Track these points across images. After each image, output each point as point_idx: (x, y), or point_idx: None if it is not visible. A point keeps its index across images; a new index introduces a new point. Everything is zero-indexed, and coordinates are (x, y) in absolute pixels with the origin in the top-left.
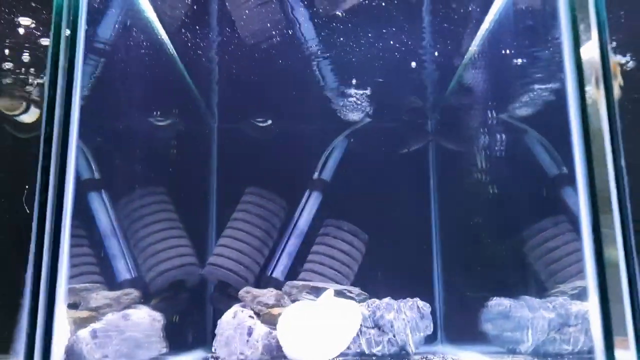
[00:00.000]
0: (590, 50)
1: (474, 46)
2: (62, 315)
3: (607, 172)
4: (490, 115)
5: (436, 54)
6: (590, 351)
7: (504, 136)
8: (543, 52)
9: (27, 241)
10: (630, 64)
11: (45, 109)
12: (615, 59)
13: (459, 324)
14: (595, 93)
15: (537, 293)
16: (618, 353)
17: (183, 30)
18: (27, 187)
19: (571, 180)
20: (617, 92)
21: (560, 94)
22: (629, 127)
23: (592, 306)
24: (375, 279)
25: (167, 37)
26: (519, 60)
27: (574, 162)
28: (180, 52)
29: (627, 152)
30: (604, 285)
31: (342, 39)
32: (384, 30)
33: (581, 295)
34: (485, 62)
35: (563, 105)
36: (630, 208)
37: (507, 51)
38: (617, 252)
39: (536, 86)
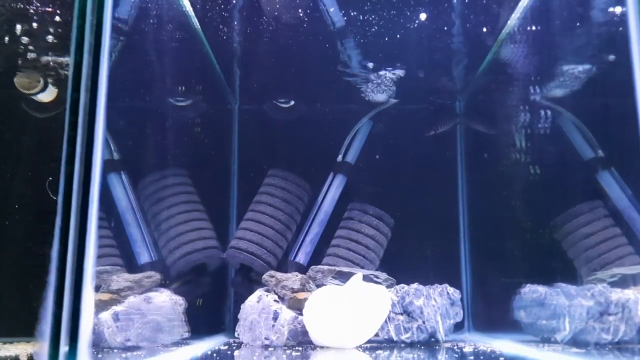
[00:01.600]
0: None
1: (512, 20)
2: (90, 295)
3: None
4: (523, 97)
5: (467, 33)
6: (632, 341)
7: (536, 118)
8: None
9: (47, 221)
10: None
11: (70, 91)
12: None
13: (488, 312)
14: None
15: (572, 280)
16: None
17: (208, 7)
18: (43, 166)
19: (607, 163)
20: None
21: (606, 72)
22: None
23: None
24: (401, 264)
25: (192, 12)
26: (561, 38)
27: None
28: (205, 29)
29: None
30: None
31: (368, 17)
32: (412, 9)
33: (621, 282)
34: (522, 40)
35: (606, 85)
36: None
37: (548, 28)
38: None
39: (575, 65)
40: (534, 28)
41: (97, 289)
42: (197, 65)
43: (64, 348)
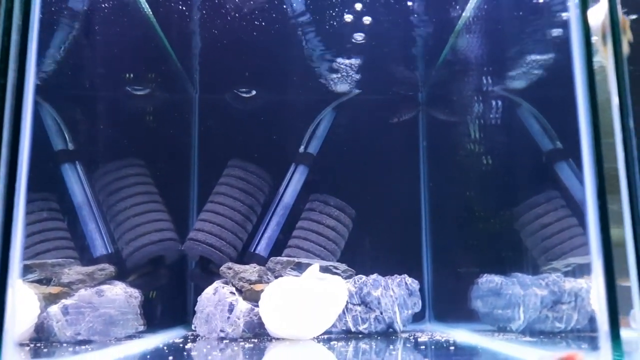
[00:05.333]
0: (599, 9)
1: (467, 12)
2: (20, 290)
3: (615, 143)
4: (482, 88)
5: (427, 23)
6: (583, 329)
7: (496, 109)
8: (541, 18)
9: None
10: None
11: None
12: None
13: (448, 302)
14: (602, 50)
15: (529, 270)
16: (623, 332)
17: None
18: None
19: (565, 154)
20: (626, 49)
21: (561, 63)
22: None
23: (597, 285)
24: (362, 255)
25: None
26: (515, 28)
27: (579, 132)
28: (158, 17)
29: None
30: (610, 265)
31: (329, 5)
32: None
33: (575, 272)
34: (479, 30)
35: (560, 75)
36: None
37: (503, 17)
38: (625, 231)
39: (532, 55)
40: (489, 19)
41: (48, 282)
42: (152, 53)
43: None
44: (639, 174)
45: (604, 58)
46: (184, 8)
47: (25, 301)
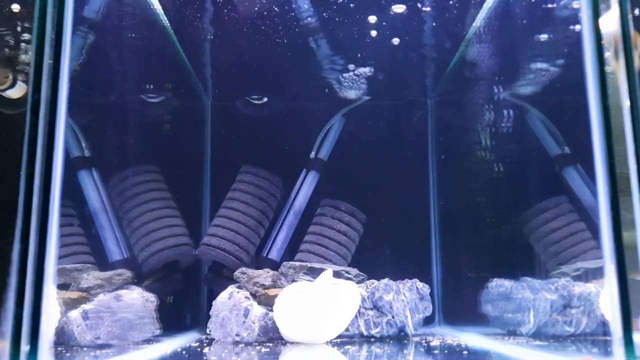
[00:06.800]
0: (610, 20)
1: (478, 21)
2: (52, 295)
3: (627, 149)
4: (492, 95)
5: (438, 30)
6: (593, 333)
7: (505, 116)
8: (551, 26)
9: (11, 220)
10: None
11: (31, 81)
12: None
13: (458, 306)
14: (614, 65)
15: (539, 274)
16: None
17: (177, 3)
18: (11, 164)
19: (573, 160)
20: (637, 63)
21: (571, 71)
22: None
23: (610, 289)
24: (373, 260)
25: (160, 9)
26: (527, 37)
27: (592, 139)
28: (174, 26)
29: None
30: (622, 268)
31: (340, 13)
32: (384, 6)
33: (584, 276)
34: (490, 39)
35: (569, 82)
36: None
37: (513, 27)
38: (637, 234)
39: (542, 63)
40: (499, 27)
41: (67, 287)
42: (167, 62)
43: (25, 347)
44: None
45: (617, 71)
46: (198, 17)
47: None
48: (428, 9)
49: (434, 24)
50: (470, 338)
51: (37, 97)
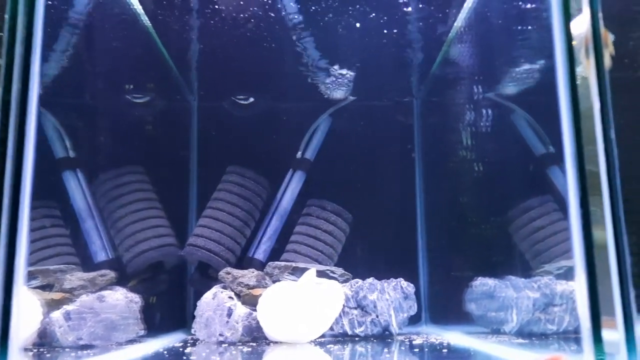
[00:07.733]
0: (581, 20)
1: (459, 22)
2: (22, 296)
3: (597, 149)
4: (476, 95)
5: (422, 30)
6: (576, 331)
7: (490, 115)
8: (531, 27)
9: None
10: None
11: (2, 81)
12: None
13: (444, 305)
14: (585, 63)
15: (522, 273)
16: (605, 333)
17: (160, 4)
18: None
19: (557, 159)
20: (607, 62)
21: (549, 69)
22: (620, 101)
23: (579, 287)
24: (359, 259)
25: (142, 10)
26: (506, 37)
27: (562, 139)
28: (157, 27)
29: (617, 128)
30: (592, 266)
31: (325, 14)
32: (368, 6)
33: (566, 275)
34: (471, 39)
35: (552, 81)
36: (620, 186)
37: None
38: (606, 233)
39: (524, 63)
40: (481, 27)
41: (51, 288)
42: (151, 62)
43: None
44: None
45: (587, 70)
46: (182, 18)
47: (28, 307)
48: (409, 8)
49: (418, 23)
50: (454, 336)
51: (7, 97)
